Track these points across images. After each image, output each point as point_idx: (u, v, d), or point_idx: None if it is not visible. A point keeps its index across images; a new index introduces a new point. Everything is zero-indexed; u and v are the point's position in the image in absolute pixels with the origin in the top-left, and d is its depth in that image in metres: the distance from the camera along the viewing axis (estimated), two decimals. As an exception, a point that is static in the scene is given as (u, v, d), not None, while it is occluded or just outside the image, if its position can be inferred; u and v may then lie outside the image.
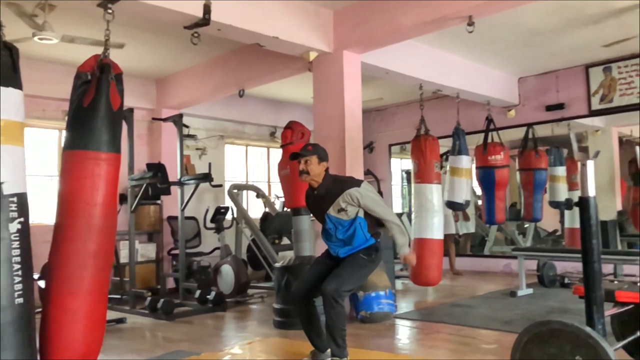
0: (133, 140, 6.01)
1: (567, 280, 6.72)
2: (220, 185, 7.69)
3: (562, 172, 8.34)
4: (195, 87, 7.51)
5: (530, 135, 8.12)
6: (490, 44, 6.74)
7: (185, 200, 6.20)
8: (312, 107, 5.90)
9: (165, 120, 6.71)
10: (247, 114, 9.06)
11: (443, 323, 4.95)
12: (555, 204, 8.39)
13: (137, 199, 6.01)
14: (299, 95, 8.84)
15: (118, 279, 6.40)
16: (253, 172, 9.82)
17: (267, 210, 8.24)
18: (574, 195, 7.74)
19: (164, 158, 7.57)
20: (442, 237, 6.39)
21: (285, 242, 7.89)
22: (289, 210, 5.62)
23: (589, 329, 2.55)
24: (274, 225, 7.79)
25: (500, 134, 7.76)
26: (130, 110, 5.85)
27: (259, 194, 8.33)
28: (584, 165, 2.77)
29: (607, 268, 6.49)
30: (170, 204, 7.42)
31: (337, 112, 5.49)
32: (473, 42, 6.29)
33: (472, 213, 8.66)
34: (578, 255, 2.91)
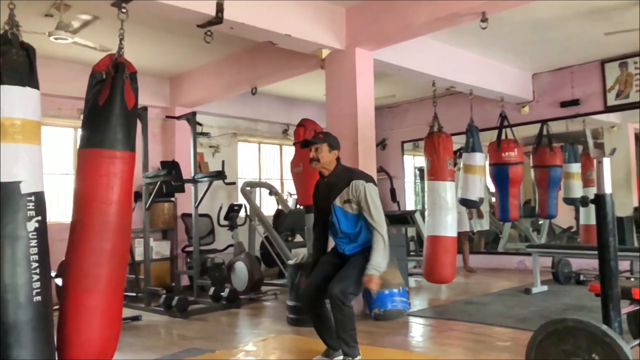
0: (147, 138, 6.06)
1: (582, 277, 6.67)
2: (234, 183, 7.73)
3: (577, 168, 8.26)
4: (208, 85, 7.54)
5: (545, 132, 8.05)
6: (504, 40, 6.69)
7: (199, 198, 6.23)
8: (324, 104, 5.90)
9: (179, 119, 6.75)
10: (259, 112, 9.08)
11: (457, 320, 4.93)
12: (570, 201, 8.31)
13: (151, 197, 6.05)
14: (312, 93, 8.84)
15: (133, 277, 6.45)
16: (266, 169, 9.84)
17: (280, 208, 8.27)
18: (589, 192, 7.82)
19: (178, 156, 7.62)
20: (455, 234, 6.36)
21: (298, 239, 7.91)
22: (302, 208, 5.64)
23: (605, 327, 2.53)
24: (287, 223, 7.81)
25: (514, 131, 7.71)
26: (144, 109, 5.90)
27: (272, 192, 8.36)
28: (600, 163, 2.75)
29: (623, 265, 6.41)
30: (184, 202, 7.46)
31: (349, 109, 5.48)
32: (486, 38, 6.25)
33: (486, 210, 8.62)
34: (594, 252, 2.89)
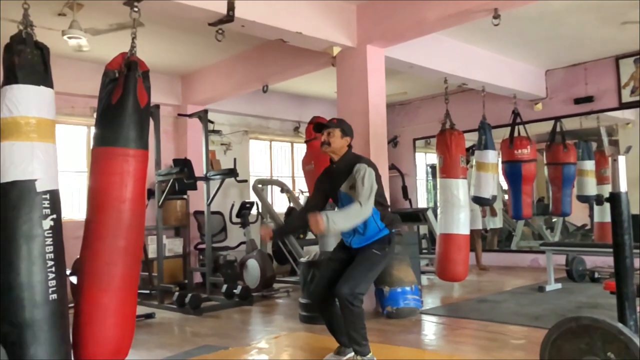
0: (160, 136, 6.10)
1: (597, 275, 6.61)
2: (245, 181, 7.75)
3: (590, 166, 8.19)
4: (220, 83, 7.56)
5: (558, 129, 7.98)
6: (516, 37, 6.64)
7: (211, 195, 6.25)
8: (335, 101, 5.90)
9: (191, 116, 6.77)
10: (271, 110, 9.10)
11: (470, 319, 4.91)
12: (584, 198, 8.25)
13: (164, 194, 6.08)
14: (323, 90, 8.84)
15: (146, 274, 6.50)
16: (277, 167, 9.85)
17: (291, 205, 8.27)
18: (603, 190, 7.77)
19: (190, 153, 7.64)
20: (468, 232, 6.33)
21: (310, 236, 7.91)
22: (314, 206, 5.64)
23: (621, 325, 2.50)
24: (299, 220, 7.81)
25: (527, 128, 7.66)
26: (157, 107, 5.93)
27: (284, 189, 8.36)
28: (615, 161, 2.72)
29: (638, 263, 6.35)
30: (197, 199, 7.50)
31: (361, 106, 5.47)
32: (498, 34, 6.20)
33: (499, 208, 8.58)
34: (608, 250, 2.86)
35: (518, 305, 5.42)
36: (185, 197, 7.70)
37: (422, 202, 10.15)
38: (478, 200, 7.33)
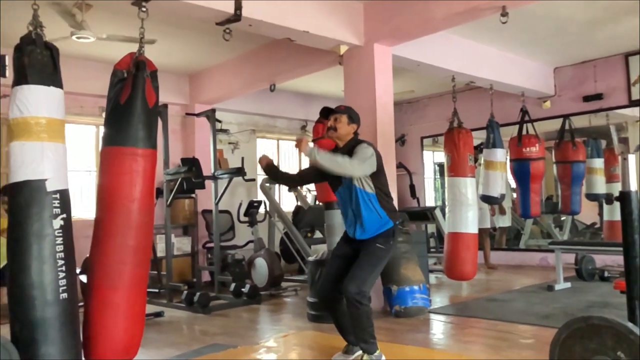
0: (168, 136, 6.12)
1: (607, 274, 6.57)
2: (253, 179, 7.76)
3: (600, 164, 8.15)
4: (227, 82, 7.58)
5: (567, 127, 7.94)
6: (524, 34, 6.61)
7: (219, 194, 6.27)
8: (343, 100, 5.89)
9: (199, 116, 6.79)
10: (278, 108, 9.11)
11: (478, 318, 4.90)
12: (593, 197, 8.21)
13: (172, 193, 6.11)
14: (330, 89, 8.83)
15: (155, 273, 6.52)
16: (285, 165, 9.86)
17: (299, 204, 8.28)
18: (613, 188, 7.72)
19: (198, 152, 7.67)
20: (476, 231, 6.30)
21: (318, 235, 7.92)
22: (321, 204, 5.65)
23: (631, 325, 2.49)
24: (306, 219, 7.83)
25: (536, 126, 7.62)
26: (165, 106, 5.95)
27: (291, 188, 8.36)
28: (626, 159, 2.71)
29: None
30: (205, 198, 7.52)
31: (368, 105, 5.46)
32: (506, 32, 6.17)
33: (508, 206, 8.55)
34: (618, 249, 2.85)
35: (527, 304, 5.40)
36: (194, 196, 7.72)
37: (430, 200, 10.13)
38: (486, 199, 7.31)
